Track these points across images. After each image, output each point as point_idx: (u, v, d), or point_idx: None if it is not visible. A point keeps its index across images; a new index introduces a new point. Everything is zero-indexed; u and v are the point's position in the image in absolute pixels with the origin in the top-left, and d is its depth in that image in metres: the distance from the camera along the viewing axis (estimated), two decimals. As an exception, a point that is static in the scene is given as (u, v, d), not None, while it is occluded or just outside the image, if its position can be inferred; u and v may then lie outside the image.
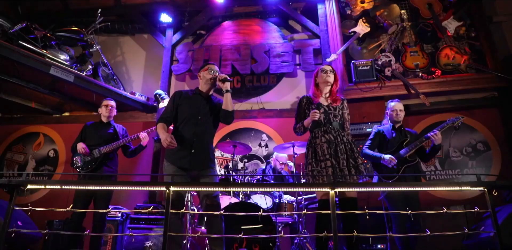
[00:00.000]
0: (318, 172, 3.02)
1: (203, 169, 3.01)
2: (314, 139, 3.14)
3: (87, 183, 2.75)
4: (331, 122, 3.15)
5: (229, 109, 3.04)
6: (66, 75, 5.11)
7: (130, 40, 7.08)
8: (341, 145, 3.09)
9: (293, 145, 4.28)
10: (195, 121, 3.05)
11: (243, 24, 6.49)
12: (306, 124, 3.11)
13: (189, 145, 3.00)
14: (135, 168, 5.88)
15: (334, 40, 5.88)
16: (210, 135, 3.15)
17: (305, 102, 3.26)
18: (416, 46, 5.62)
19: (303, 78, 6.27)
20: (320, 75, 3.26)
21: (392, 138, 3.87)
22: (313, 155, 3.09)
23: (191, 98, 3.17)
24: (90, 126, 4.31)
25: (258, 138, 5.84)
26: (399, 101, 4.01)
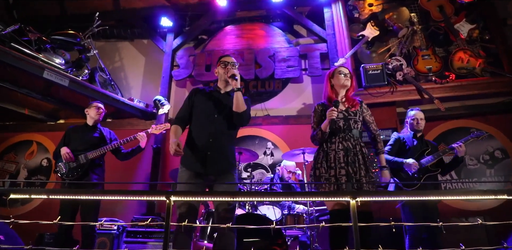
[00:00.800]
0: (326, 179, 2.75)
1: (221, 174, 2.69)
2: (329, 143, 2.84)
3: (76, 192, 2.42)
4: (351, 129, 2.87)
5: (240, 110, 2.68)
6: (60, 79, 4.83)
7: (129, 45, 6.84)
8: (359, 155, 2.81)
9: (303, 151, 3.99)
10: (211, 120, 2.73)
11: (247, 29, 6.27)
12: (324, 128, 2.80)
13: (204, 146, 2.69)
14: (132, 176, 5.56)
15: (342, 44, 5.64)
16: (228, 135, 2.78)
17: (321, 109, 2.97)
18: (428, 50, 5.38)
19: (309, 84, 6.01)
20: (337, 77, 2.96)
21: (413, 146, 3.71)
22: (324, 160, 2.80)
23: (207, 95, 2.86)
24: (73, 129, 4.02)
25: (263, 146, 5.54)
26: (419, 110, 3.88)
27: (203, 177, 2.68)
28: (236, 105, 2.69)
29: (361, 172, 2.74)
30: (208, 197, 2.44)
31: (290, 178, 4.77)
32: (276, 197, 2.40)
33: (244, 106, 2.70)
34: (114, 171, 5.24)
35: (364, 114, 3.00)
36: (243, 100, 2.72)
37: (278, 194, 2.59)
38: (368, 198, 2.59)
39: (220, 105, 2.78)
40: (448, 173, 4.67)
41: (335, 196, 2.37)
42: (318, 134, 2.86)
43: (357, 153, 2.81)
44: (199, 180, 2.67)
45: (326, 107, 2.92)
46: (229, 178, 2.70)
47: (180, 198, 2.39)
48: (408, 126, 3.83)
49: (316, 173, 2.79)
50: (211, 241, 3.59)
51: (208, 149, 2.68)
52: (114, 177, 5.38)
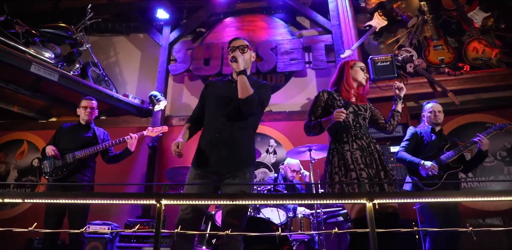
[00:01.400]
0: (348, 184, 2.43)
1: (230, 172, 2.35)
2: (341, 144, 2.53)
3: (56, 195, 2.13)
4: (361, 126, 2.58)
5: (243, 95, 2.31)
6: (49, 73, 4.54)
7: (125, 40, 6.54)
8: (375, 154, 2.51)
9: (310, 148, 3.68)
10: (223, 112, 2.44)
11: (247, 21, 5.96)
12: (325, 125, 2.50)
13: (212, 141, 2.41)
14: (127, 176, 5.26)
15: (348, 35, 5.32)
16: (241, 128, 2.43)
17: (326, 98, 2.65)
18: (440, 40, 5.07)
19: (314, 77, 5.70)
20: (357, 71, 2.69)
21: (431, 141, 3.40)
22: (342, 163, 2.48)
23: (219, 86, 2.57)
24: (66, 128, 3.77)
25: (265, 144, 5.23)
26: (437, 102, 3.59)
27: (211, 177, 2.38)
28: (240, 91, 2.34)
29: (381, 174, 2.45)
30: (203, 200, 2.13)
31: (295, 177, 4.46)
32: (283, 200, 2.08)
33: (249, 91, 2.33)
34: (108, 170, 4.94)
35: (372, 109, 2.74)
36: (247, 84, 2.35)
37: (286, 196, 2.28)
38: (386, 200, 2.28)
39: (232, 96, 2.44)
40: (472, 170, 4.35)
41: (349, 198, 2.07)
42: (316, 127, 2.55)
43: (372, 152, 2.52)
44: (207, 180, 2.37)
45: (333, 97, 2.63)
46: (243, 177, 2.36)
47: (171, 201, 2.11)
48: (425, 119, 3.54)
49: (334, 179, 2.46)
50: (209, 247, 3.30)
51: (216, 144, 2.40)
52: (108, 177, 5.09)
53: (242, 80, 2.34)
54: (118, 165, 4.14)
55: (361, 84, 2.70)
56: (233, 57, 2.41)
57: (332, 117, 2.42)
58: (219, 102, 2.48)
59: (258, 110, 2.43)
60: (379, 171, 2.45)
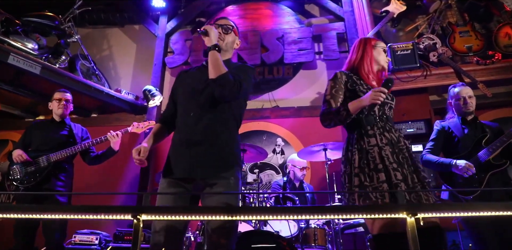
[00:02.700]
0: (375, 188, 1.90)
1: (210, 177, 1.87)
2: (367, 137, 2.01)
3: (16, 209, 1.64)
4: (388, 116, 2.09)
5: (214, 74, 1.86)
6: (30, 65, 4.08)
7: (119, 32, 6.06)
8: (405, 152, 2.01)
9: (325, 147, 3.15)
10: (196, 104, 1.95)
11: (251, 8, 5.45)
12: (354, 109, 1.94)
13: (186, 140, 1.92)
14: (118, 178, 4.77)
15: (363, 22, 4.80)
16: (222, 121, 1.96)
17: (345, 80, 2.12)
18: (466, 26, 4.52)
19: (324, 70, 5.17)
20: (380, 52, 2.22)
21: (464, 135, 2.78)
22: (364, 162, 1.96)
23: (193, 74, 2.10)
24: (37, 125, 3.31)
25: (271, 143, 4.71)
26: (465, 85, 2.96)
27: (186, 185, 1.89)
28: (210, 70, 1.88)
29: (414, 177, 1.93)
30: (194, 215, 1.63)
31: (304, 175, 3.94)
32: (295, 214, 1.58)
33: (221, 69, 1.86)
34: (97, 172, 4.49)
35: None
36: (219, 62, 1.88)
37: (297, 210, 1.76)
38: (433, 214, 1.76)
39: (204, 83, 1.98)
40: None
41: (382, 212, 1.55)
42: (342, 114, 1.96)
43: (403, 149, 2.01)
44: (181, 188, 1.88)
45: (353, 81, 2.12)
46: (225, 184, 1.86)
47: (153, 217, 1.63)
48: (453, 108, 2.93)
49: (354, 182, 1.94)
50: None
51: (188, 143, 1.90)
52: (96, 179, 4.61)
53: (213, 56, 1.88)
54: (109, 166, 3.68)
55: (383, 69, 2.23)
56: (203, 29, 1.95)
57: (365, 98, 1.91)
58: (191, 93, 1.99)
59: (234, 94, 1.87)
60: (412, 172, 1.95)
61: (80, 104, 4.99)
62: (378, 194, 1.89)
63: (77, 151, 3.17)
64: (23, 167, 3.07)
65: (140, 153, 1.90)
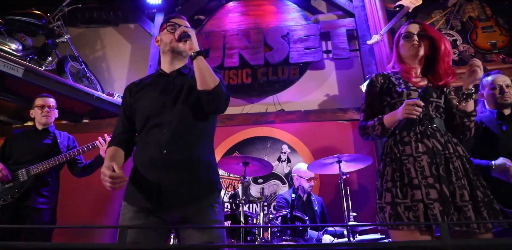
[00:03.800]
0: (407, 208, 1.55)
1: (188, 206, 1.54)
2: (401, 145, 1.67)
3: None
4: (432, 118, 1.72)
5: (209, 85, 1.59)
6: (11, 68, 3.73)
7: (113, 31, 5.71)
8: (456, 161, 1.62)
9: (339, 159, 2.76)
10: (161, 119, 1.64)
11: (253, 4, 5.07)
12: (389, 124, 1.69)
13: (155, 163, 1.57)
14: (110, 194, 4.40)
15: (375, 18, 4.41)
16: (200, 139, 1.68)
17: (381, 83, 1.84)
18: (489, 20, 4.13)
19: (333, 70, 4.78)
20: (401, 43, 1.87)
21: (502, 133, 2.31)
22: (398, 175, 1.62)
23: (149, 85, 1.77)
24: (17, 135, 2.96)
25: (276, 150, 4.31)
26: (501, 73, 2.46)
27: (158, 214, 1.55)
28: (201, 79, 1.60)
29: (464, 193, 1.55)
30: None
31: (312, 187, 3.56)
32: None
33: (215, 78, 1.61)
34: (88, 183, 4.12)
35: (451, 97, 1.82)
36: (210, 70, 1.61)
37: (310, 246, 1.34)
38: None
39: (173, 93, 1.70)
40: None
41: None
42: (377, 128, 1.71)
43: (451, 158, 1.63)
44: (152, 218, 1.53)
45: (390, 82, 1.81)
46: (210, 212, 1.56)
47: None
48: (486, 100, 2.45)
49: (385, 198, 1.61)
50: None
51: (163, 165, 1.56)
52: (88, 192, 4.24)
53: (203, 64, 1.61)
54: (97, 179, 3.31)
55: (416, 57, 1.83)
56: (184, 33, 1.63)
57: (399, 112, 1.62)
58: (160, 107, 1.66)
59: (226, 106, 1.69)
60: (461, 188, 1.56)
61: (69, 109, 4.64)
62: (411, 215, 1.55)
63: (60, 161, 2.81)
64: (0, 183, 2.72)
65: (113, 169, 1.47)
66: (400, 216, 1.55)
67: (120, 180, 1.45)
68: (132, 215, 1.54)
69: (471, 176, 1.60)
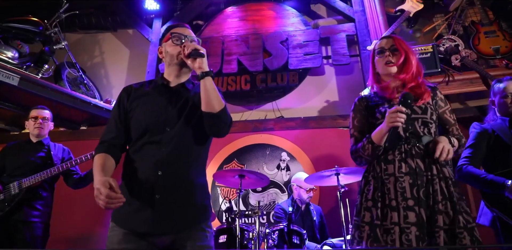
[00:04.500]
0: (386, 231, 1.53)
1: (182, 231, 1.50)
2: (383, 163, 1.64)
3: None
4: (419, 136, 1.66)
5: (215, 108, 1.52)
6: (7, 76, 3.68)
7: (111, 37, 5.67)
8: (438, 183, 1.57)
9: (337, 171, 2.70)
10: (159, 137, 1.55)
11: (252, 10, 5.01)
12: (377, 139, 1.63)
13: (149, 184, 1.50)
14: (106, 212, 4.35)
15: (375, 23, 4.34)
16: (193, 159, 1.60)
17: (365, 105, 1.83)
18: (492, 25, 4.04)
19: (333, 75, 4.72)
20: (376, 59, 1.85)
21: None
22: (379, 196, 1.59)
23: (149, 95, 1.67)
24: (12, 147, 2.93)
25: (275, 158, 4.25)
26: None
27: (149, 238, 1.48)
28: (207, 101, 1.53)
29: (439, 218, 1.51)
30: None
31: (311, 198, 3.50)
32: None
33: (221, 102, 1.55)
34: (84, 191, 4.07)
35: (442, 109, 1.76)
36: (217, 92, 1.56)
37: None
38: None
39: (174, 109, 1.62)
40: None
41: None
42: (367, 148, 1.65)
43: (433, 180, 1.57)
44: (142, 242, 1.47)
45: (372, 101, 1.80)
46: (202, 237, 1.51)
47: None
48: (497, 108, 2.35)
49: (363, 218, 1.59)
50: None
51: (157, 189, 1.49)
52: (84, 199, 4.18)
53: (211, 86, 1.54)
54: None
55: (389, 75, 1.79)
56: (195, 51, 1.54)
57: (384, 126, 1.58)
58: (156, 122, 1.58)
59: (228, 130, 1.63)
60: (438, 212, 1.51)
61: (67, 116, 4.61)
62: (389, 238, 1.52)
63: (53, 173, 2.77)
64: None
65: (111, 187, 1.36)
66: (378, 239, 1.52)
67: (117, 201, 1.35)
68: (121, 238, 1.47)
69: (455, 199, 1.55)
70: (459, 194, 1.60)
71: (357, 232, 1.61)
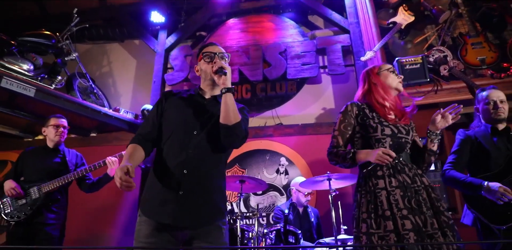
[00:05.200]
0: (381, 237, 1.72)
1: (200, 227, 1.71)
2: (375, 179, 1.85)
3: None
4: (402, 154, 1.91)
5: (230, 121, 1.73)
6: (24, 88, 3.94)
7: (119, 47, 5.95)
8: (423, 193, 1.81)
9: (329, 177, 2.95)
10: (187, 139, 1.78)
11: (253, 21, 5.27)
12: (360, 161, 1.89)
13: (175, 181, 1.72)
14: (118, 201, 4.61)
15: (369, 35, 4.58)
16: (215, 163, 1.83)
17: (356, 112, 2.00)
18: (479, 36, 4.27)
19: (330, 84, 4.96)
20: (387, 75, 2.06)
21: (494, 149, 2.39)
22: (372, 207, 1.79)
23: (185, 101, 1.91)
24: (29, 153, 3.18)
25: (275, 163, 4.50)
26: (496, 88, 2.59)
27: (172, 232, 1.70)
28: (225, 114, 1.74)
29: (433, 222, 1.73)
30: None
31: (308, 201, 3.74)
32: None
33: (238, 116, 1.75)
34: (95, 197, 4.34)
35: (414, 134, 2.03)
36: (236, 107, 1.76)
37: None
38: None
39: (204, 117, 1.83)
40: None
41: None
42: (347, 161, 1.89)
43: (419, 190, 1.81)
44: (165, 235, 1.69)
45: (364, 114, 1.97)
46: (218, 234, 1.73)
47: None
48: (481, 115, 2.54)
49: (360, 229, 1.79)
50: None
51: (181, 186, 1.70)
52: (94, 203, 4.46)
53: (230, 101, 1.74)
54: (105, 192, 3.53)
55: (398, 91, 2.06)
56: (221, 68, 1.76)
57: (372, 156, 1.79)
58: (186, 125, 1.81)
59: (241, 143, 1.81)
60: (430, 217, 1.75)
61: (78, 124, 4.88)
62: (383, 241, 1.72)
63: (69, 179, 3.03)
64: (13, 200, 2.94)
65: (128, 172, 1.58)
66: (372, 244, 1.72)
67: (128, 184, 1.56)
68: (148, 233, 1.68)
69: (436, 202, 1.78)
70: (438, 195, 1.84)
71: (357, 243, 1.82)
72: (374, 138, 1.89)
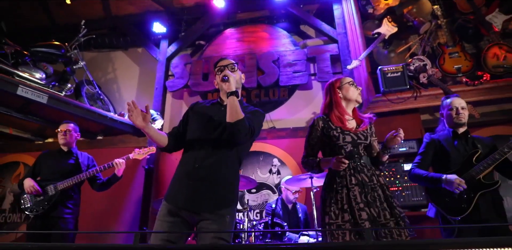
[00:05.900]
0: (338, 226, 2.09)
1: (209, 214, 2.01)
2: (338, 178, 2.20)
3: None
4: (361, 156, 2.26)
5: (232, 119, 2.01)
6: (37, 96, 4.31)
7: (122, 55, 6.32)
8: (379, 190, 2.16)
9: (311, 176, 3.32)
10: (206, 139, 2.15)
11: (248, 31, 5.64)
12: (324, 167, 2.30)
13: (188, 172, 2.10)
14: (123, 200, 4.98)
15: (355, 44, 4.94)
16: (229, 160, 2.14)
17: (322, 126, 2.32)
18: (456, 46, 4.62)
19: (319, 90, 5.32)
20: (347, 88, 2.37)
21: (454, 150, 2.73)
22: (333, 202, 2.16)
23: (205, 109, 2.30)
24: (46, 155, 3.56)
25: (268, 163, 4.87)
26: (458, 96, 2.92)
27: (184, 214, 2.05)
28: (228, 113, 2.03)
29: (386, 213, 2.09)
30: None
31: (297, 198, 4.10)
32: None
33: (239, 114, 2.03)
34: (100, 197, 4.70)
35: (372, 138, 2.35)
36: (238, 107, 2.04)
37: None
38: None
39: (218, 121, 2.18)
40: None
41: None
42: (315, 169, 2.32)
43: (375, 188, 2.16)
44: (178, 218, 2.04)
45: (328, 126, 2.30)
46: (221, 222, 2.02)
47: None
48: (445, 119, 2.85)
49: (325, 220, 2.14)
50: None
51: (194, 176, 2.07)
52: (102, 201, 4.82)
53: (233, 102, 2.04)
54: (111, 191, 3.88)
55: (358, 102, 2.40)
56: (224, 76, 2.11)
57: (331, 163, 2.15)
58: (204, 127, 2.19)
59: (246, 139, 2.07)
60: (384, 210, 2.10)
61: (86, 128, 5.24)
62: (340, 232, 2.08)
63: (82, 178, 3.39)
64: (32, 196, 3.31)
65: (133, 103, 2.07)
66: (332, 232, 2.08)
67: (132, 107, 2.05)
68: (165, 213, 2.05)
69: (390, 199, 2.14)
70: (390, 195, 2.19)
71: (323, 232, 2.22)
72: (338, 145, 2.24)
